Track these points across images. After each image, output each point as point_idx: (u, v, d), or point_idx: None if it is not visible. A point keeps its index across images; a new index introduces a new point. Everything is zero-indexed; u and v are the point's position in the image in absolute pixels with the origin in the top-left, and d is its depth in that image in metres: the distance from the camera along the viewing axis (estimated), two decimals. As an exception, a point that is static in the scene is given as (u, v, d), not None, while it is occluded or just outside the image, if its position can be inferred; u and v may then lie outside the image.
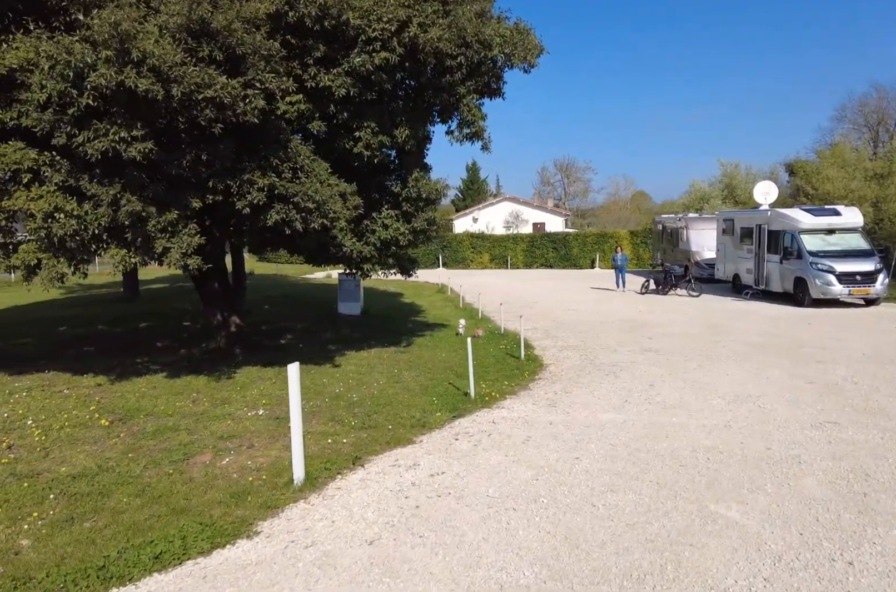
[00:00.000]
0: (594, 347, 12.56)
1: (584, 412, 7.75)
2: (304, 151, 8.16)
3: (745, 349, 11.87)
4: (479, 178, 64.23)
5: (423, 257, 38.30)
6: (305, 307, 19.50)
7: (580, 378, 9.76)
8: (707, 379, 9.49)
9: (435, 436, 6.90)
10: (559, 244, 37.82)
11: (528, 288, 26.05)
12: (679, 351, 11.94)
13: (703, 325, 15.21)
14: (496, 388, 9.03)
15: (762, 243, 20.45)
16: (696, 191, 39.61)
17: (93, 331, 14.40)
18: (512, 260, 37.99)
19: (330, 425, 7.32)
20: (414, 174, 9.80)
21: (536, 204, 46.49)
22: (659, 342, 12.97)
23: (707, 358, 11.16)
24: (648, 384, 9.23)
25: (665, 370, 10.22)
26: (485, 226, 43.71)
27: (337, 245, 9.90)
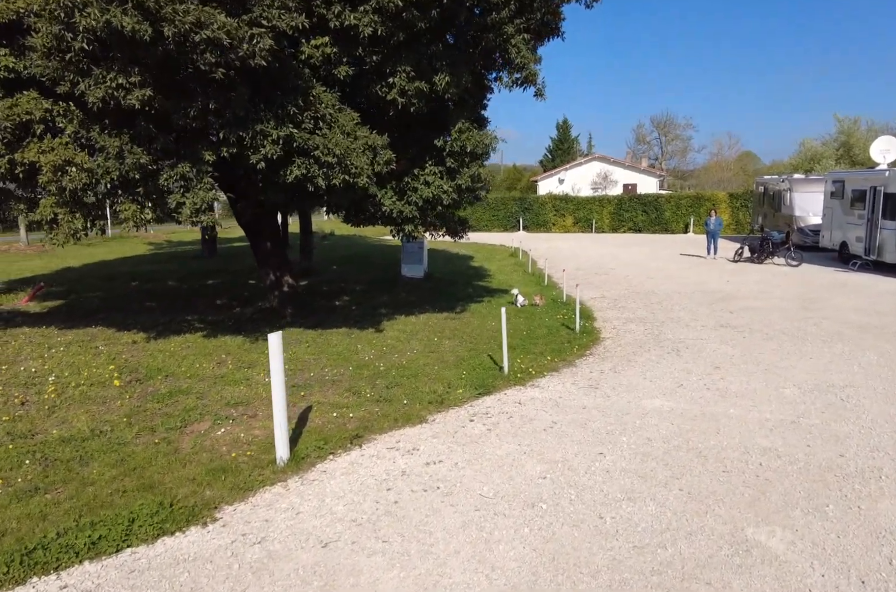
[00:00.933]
0: (663, 320, 11.31)
1: (627, 396, 6.76)
2: (329, 99, 7.38)
3: (839, 328, 10.26)
4: (569, 137, 61.39)
5: (503, 220, 37.21)
6: (372, 268, 19.11)
7: (636, 355, 8.68)
8: (785, 362, 8.16)
9: (450, 416, 6.17)
10: (650, 207, 35.42)
11: (608, 253, 24.50)
12: (761, 328, 10.50)
13: (796, 299, 13.47)
14: (537, 364, 8.15)
15: (876, 208, 17.90)
16: (807, 151, 35.71)
17: (161, 287, 14.61)
18: (597, 223, 36.05)
19: (345, 396, 6.75)
20: (458, 125, 8.82)
21: (628, 164, 43.68)
22: (740, 317, 11.52)
23: (791, 337, 9.71)
24: (713, 366, 8.04)
25: (738, 350, 8.93)
26: (570, 187, 41.69)
27: (376, 203, 9.20)
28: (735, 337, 9.78)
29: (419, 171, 9.24)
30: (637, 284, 16.15)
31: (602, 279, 17.21)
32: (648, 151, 54.74)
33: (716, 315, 11.82)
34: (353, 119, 7.60)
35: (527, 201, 37.11)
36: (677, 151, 54.12)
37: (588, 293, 14.84)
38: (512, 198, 38.08)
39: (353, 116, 7.62)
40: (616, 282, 16.68)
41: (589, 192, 41.21)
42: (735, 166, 59.84)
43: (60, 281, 15.02)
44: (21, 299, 12.20)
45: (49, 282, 14.10)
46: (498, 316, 12.17)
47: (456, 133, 8.95)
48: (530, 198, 37.47)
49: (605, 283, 16.36)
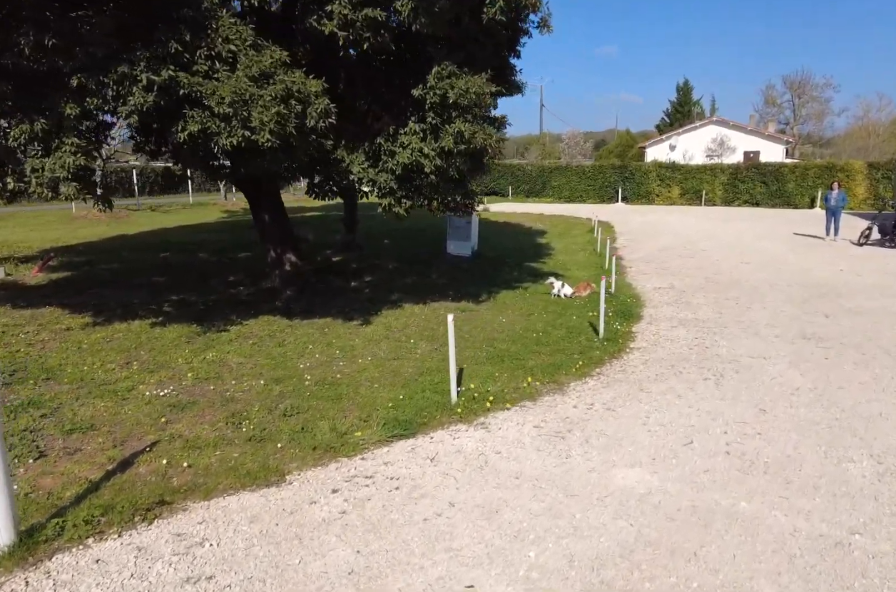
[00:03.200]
0: (727, 325, 8.61)
1: (597, 458, 4.48)
2: (240, 33, 5.49)
3: (978, 351, 7.15)
4: (690, 100, 55.41)
5: (599, 191, 33.80)
6: (426, 243, 17.23)
7: (659, 380, 6.25)
8: (873, 408, 5.44)
9: (319, 475, 4.18)
10: (770, 178, 30.55)
11: (710, 230, 20.98)
12: (859, 343, 7.57)
13: (925, 300, 10.09)
14: (511, 387, 5.98)
15: None
16: (979, 110, 28.95)
17: (186, 259, 13.65)
18: (708, 195, 31.71)
19: (216, 428, 4.92)
20: (436, 68, 6.62)
21: (751, 128, 38.05)
22: (835, 324, 8.55)
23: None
24: (758, 407, 5.50)
25: (809, 380, 6.24)
26: (681, 154, 37.14)
27: (342, 171, 7.28)
28: (814, 358, 7.00)
29: (395, 130, 7.20)
30: (724, 271, 13.14)
31: (683, 263, 14.27)
32: (778, 115, 47.89)
33: (804, 319, 8.89)
34: (275, 58, 5.66)
35: (627, 170, 33.37)
36: (812, 115, 46.77)
37: (654, 282, 12.15)
38: (610, 166, 34.45)
39: (274, 55, 5.68)
40: (699, 267, 13.71)
41: (702, 160, 36.50)
42: (887, 132, 51.10)
43: (93, 251, 14.49)
44: (33, 270, 11.59)
45: (57, 253, 13.51)
46: (522, 309, 9.97)
47: (434, 79, 6.76)
48: (632, 167, 33.63)
49: (684, 269, 13.47)
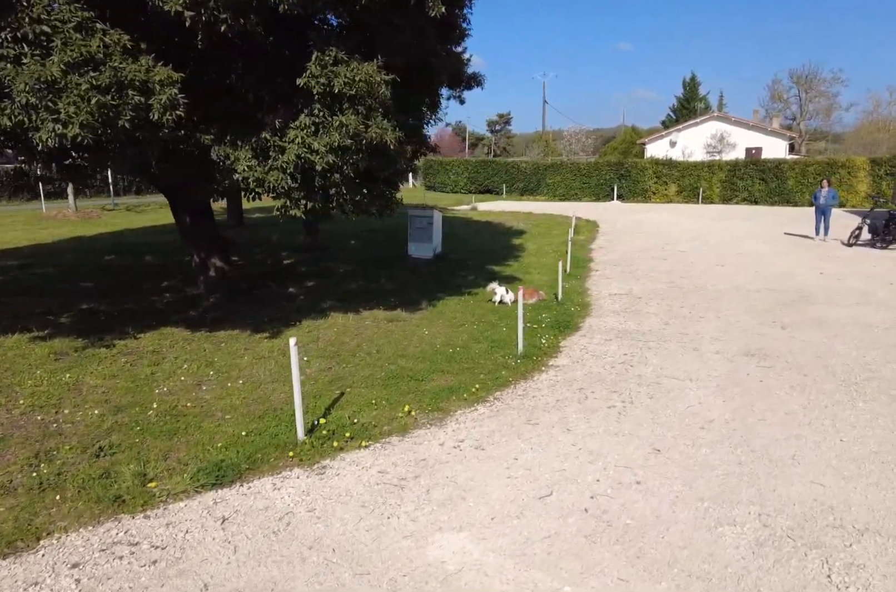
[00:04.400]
0: (669, 338, 7.75)
1: (423, 520, 3.64)
2: (62, 12, 4.73)
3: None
4: (696, 96, 53.96)
5: (595, 188, 32.77)
6: (392, 245, 16.44)
7: (554, 410, 5.41)
8: (790, 448, 4.57)
9: (31, 564, 3.48)
10: (769, 174, 29.29)
11: (699, 229, 19.97)
12: (804, 361, 6.68)
13: (898, 310, 9.14)
14: (384, 418, 5.20)
15: None
16: None
17: (130, 263, 13.01)
18: (705, 193, 30.53)
19: None
20: (317, 54, 5.82)
21: (752, 124, 36.65)
22: (789, 337, 7.67)
23: (844, 386, 5.90)
24: (653, 446, 4.66)
25: (730, 408, 5.38)
26: (680, 151, 35.96)
27: (224, 170, 6.53)
28: (748, 380, 6.12)
29: (285, 124, 6.43)
30: (693, 275, 12.22)
31: (654, 266, 13.37)
32: (784, 110, 46.27)
33: (756, 331, 7.99)
34: (110, 42, 4.88)
35: (623, 167, 32.25)
36: (820, 110, 45.08)
37: (614, 287, 11.28)
38: (606, 163, 33.38)
39: (108, 39, 4.91)
40: (668, 270, 12.81)
41: (703, 157, 35.28)
42: None
43: (39, 253, 13.90)
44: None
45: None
46: (459, 319, 9.05)
47: (316, 67, 5.97)
48: (628, 164, 32.50)
49: (652, 273, 12.58)
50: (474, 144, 69.89)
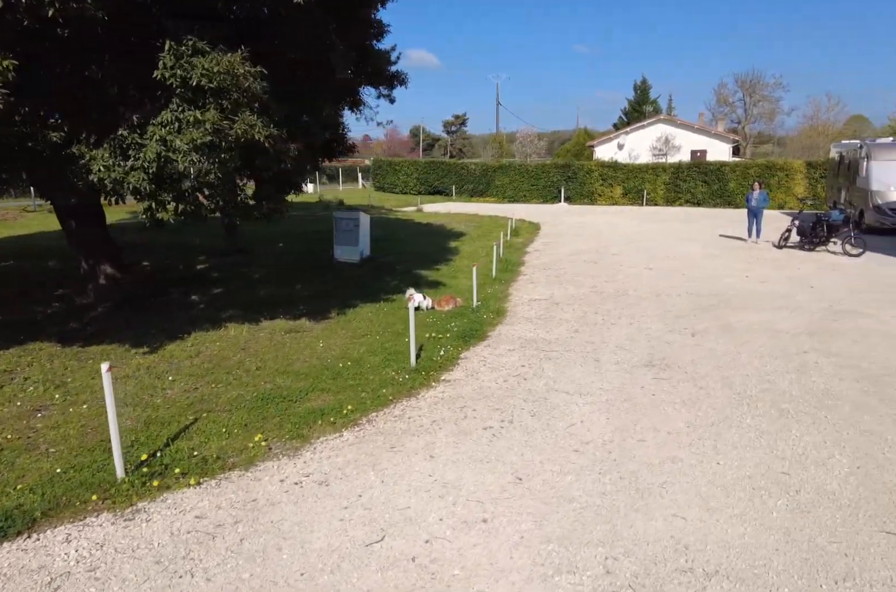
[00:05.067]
0: (573, 347, 7.39)
1: (204, 588, 3.19)
2: None
3: (839, 384, 5.98)
4: (647, 99, 54.54)
5: (543, 190, 32.66)
6: (322, 247, 15.82)
7: (425, 433, 4.94)
8: (663, 473, 4.21)
9: None
10: (711, 176, 29.59)
11: (637, 232, 19.87)
12: (704, 373, 6.38)
13: (818, 313, 9.00)
14: (234, 449, 4.66)
15: (975, 181, 12.46)
16: (915, 109, 28.25)
17: (33, 267, 12.11)
18: (650, 195, 30.71)
19: None
20: (170, 44, 5.26)
21: (697, 126, 37.13)
22: (696, 345, 7.39)
23: (737, 400, 5.60)
24: (518, 474, 4.23)
25: (613, 426, 5.01)
26: (627, 154, 36.16)
27: (78, 170, 5.89)
28: (640, 394, 5.78)
29: (146, 120, 5.83)
30: (619, 279, 11.97)
31: (583, 270, 13.09)
32: (731, 114, 47.14)
33: (664, 339, 7.70)
34: None
35: (570, 169, 32.21)
36: (764, 114, 46.09)
37: (536, 292, 10.93)
38: (553, 166, 33.32)
39: None
40: (596, 274, 12.54)
41: (649, 159, 35.55)
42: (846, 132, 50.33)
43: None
44: None
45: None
46: (367, 328, 8.40)
47: (171, 57, 5.40)
48: (574, 166, 32.47)
49: (579, 277, 12.28)
50: (431, 145, 69.45)
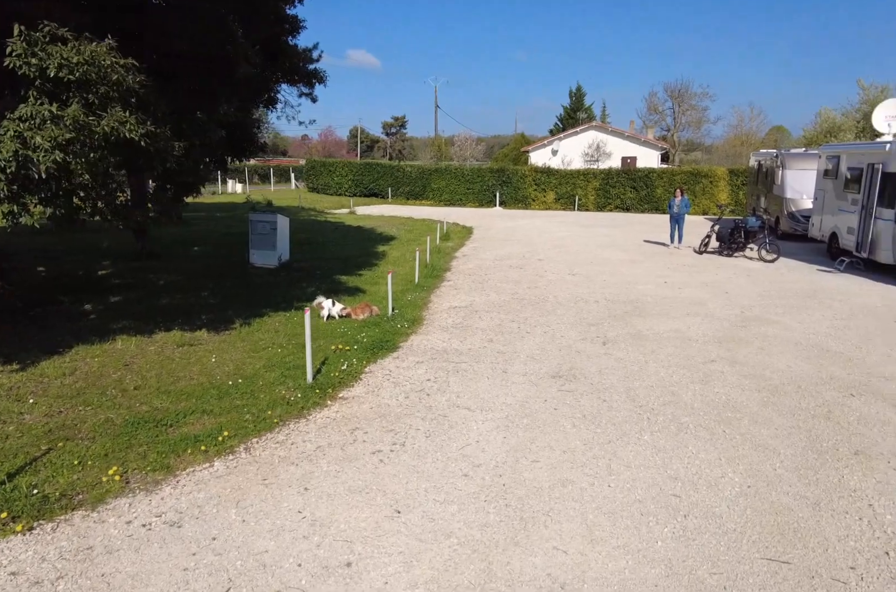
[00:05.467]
0: (483, 358, 7.14)
1: None
2: None
3: (740, 393, 5.94)
4: (582, 105, 55.58)
5: (478, 194, 32.66)
6: (239, 251, 15.14)
7: (305, 461, 4.54)
8: (552, 499, 3.97)
9: None
10: (640, 183, 30.27)
11: (566, 237, 19.97)
12: (610, 384, 6.25)
13: (728, 319, 9.10)
14: (83, 484, 4.14)
15: (872, 191, 13.03)
16: (824, 122, 29.75)
17: None
18: (581, 200, 31.14)
19: None
20: (19, 29, 4.70)
21: (628, 134, 38.04)
22: (606, 354, 7.27)
23: (640, 416, 5.45)
24: (396, 507, 3.91)
25: (508, 446, 4.77)
26: (561, 159, 36.64)
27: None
28: (542, 409, 5.56)
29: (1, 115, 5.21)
30: (541, 285, 11.86)
31: (507, 276, 12.94)
32: (661, 122, 48.58)
33: (575, 348, 7.57)
34: None
35: (505, 174, 32.33)
36: (692, 122, 47.80)
37: (457, 299, 10.68)
38: (488, 170, 33.38)
39: None
40: (518, 280, 12.40)
41: (582, 165, 36.11)
42: (767, 141, 52.67)
43: None
44: None
45: None
46: (271, 339, 7.60)
47: (21, 43, 4.82)
48: (509, 171, 32.62)
49: (502, 283, 12.12)
50: (370, 147, 68.64)
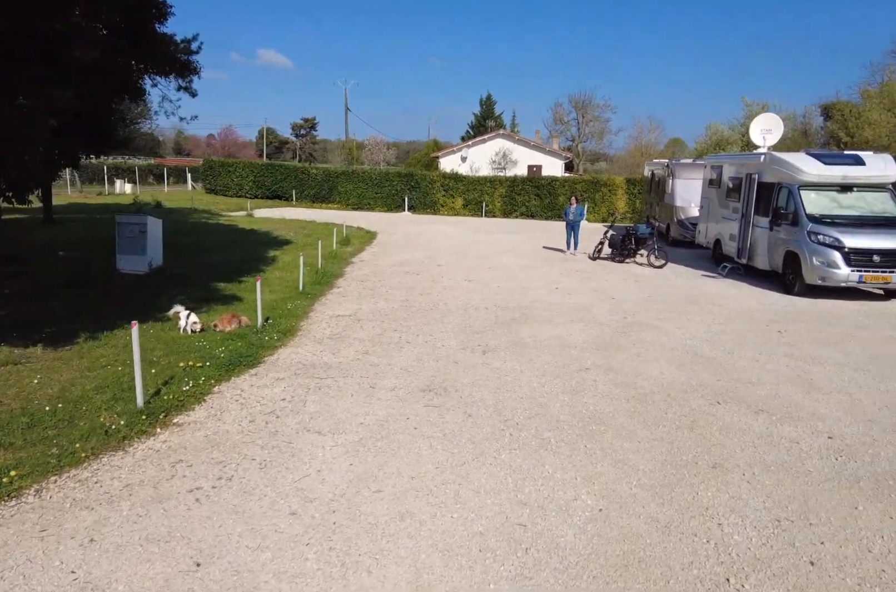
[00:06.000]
0: (352, 372, 6.60)
1: None
2: None
3: (608, 404, 5.72)
4: (492, 113, 56.35)
5: (387, 199, 32.17)
6: (108, 256, 13.81)
7: (88, 511, 3.80)
8: (380, 538, 3.47)
9: None
10: (543, 190, 30.78)
11: (466, 243, 19.80)
12: (479, 398, 5.88)
13: (610, 325, 9.03)
14: None
15: (750, 200, 13.60)
16: (714, 135, 31.52)
17: None
18: (489, 206, 31.30)
19: None
20: None
21: (534, 143, 38.77)
22: (483, 364, 6.93)
23: (502, 432, 5.09)
24: (196, 558, 3.31)
25: (353, 475, 4.23)
26: (469, 166, 36.80)
27: None
28: (401, 430, 5.08)
29: None
30: (435, 292, 11.47)
31: (401, 282, 12.48)
32: (566, 132, 50.04)
33: (452, 359, 7.19)
34: None
35: (413, 178, 32.01)
36: (595, 133, 49.51)
37: (343, 307, 10.09)
38: (396, 174, 32.97)
39: None
40: (412, 287, 11.97)
41: (490, 172, 36.39)
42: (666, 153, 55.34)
43: None
44: None
45: None
46: (113, 356, 6.41)
47: None
48: (417, 176, 32.34)
49: (394, 290, 11.63)
50: (279, 148, 66.56)
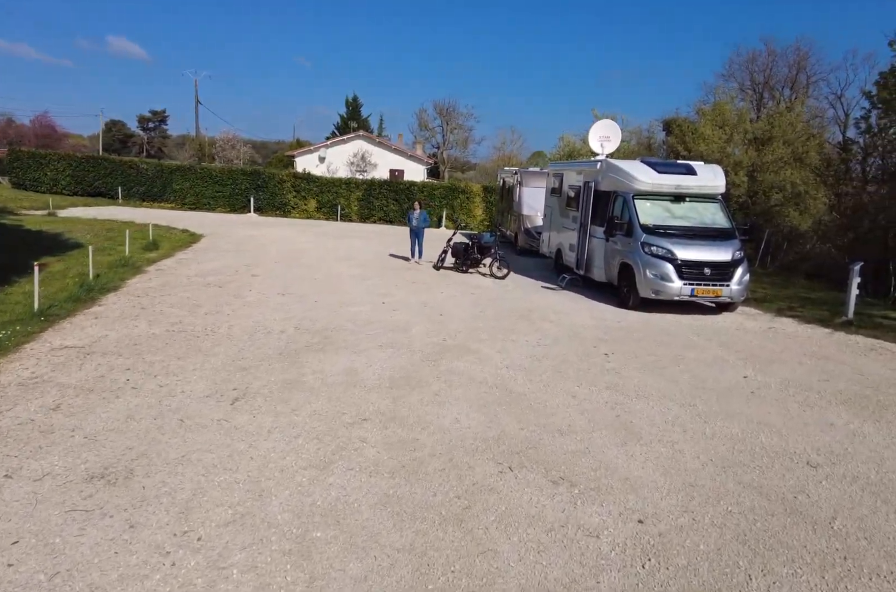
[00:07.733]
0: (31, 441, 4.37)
1: None
2: None
3: (364, 493, 4.00)
4: (358, 115, 54.28)
5: (230, 198, 29.07)
6: None
7: None
8: None
9: None
10: (402, 195, 29.26)
11: (303, 249, 17.64)
12: (169, 492, 3.89)
13: (419, 354, 7.40)
14: None
15: (588, 209, 12.78)
16: (566, 146, 31.82)
17: None
18: (345, 210, 29.22)
19: None
20: None
21: (395, 147, 37.32)
22: (219, 426, 4.93)
23: (161, 563, 3.19)
24: None
25: None
26: (326, 167, 34.52)
27: None
28: None
29: None
30: (227, 312, 9.29)
31: (192, 297, 10.16)
32: (431, 138, 49.22)
33: (182, 414, 5.15)
34: None
35: (260, 177, 29.18)
36: (459, 141, 49.16)
37: (84, 334, 7.70)
38: (241, 172, 29.95)
39: None
40: (201, 304, 9.70)
41: (348, 174, 34.31)
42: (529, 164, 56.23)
43: None
44: None
45: None
46: None
47: None
48: (265, 174, 29.54)
49: (174, 308, 9.31)
50: (123, 142, 59.89)
